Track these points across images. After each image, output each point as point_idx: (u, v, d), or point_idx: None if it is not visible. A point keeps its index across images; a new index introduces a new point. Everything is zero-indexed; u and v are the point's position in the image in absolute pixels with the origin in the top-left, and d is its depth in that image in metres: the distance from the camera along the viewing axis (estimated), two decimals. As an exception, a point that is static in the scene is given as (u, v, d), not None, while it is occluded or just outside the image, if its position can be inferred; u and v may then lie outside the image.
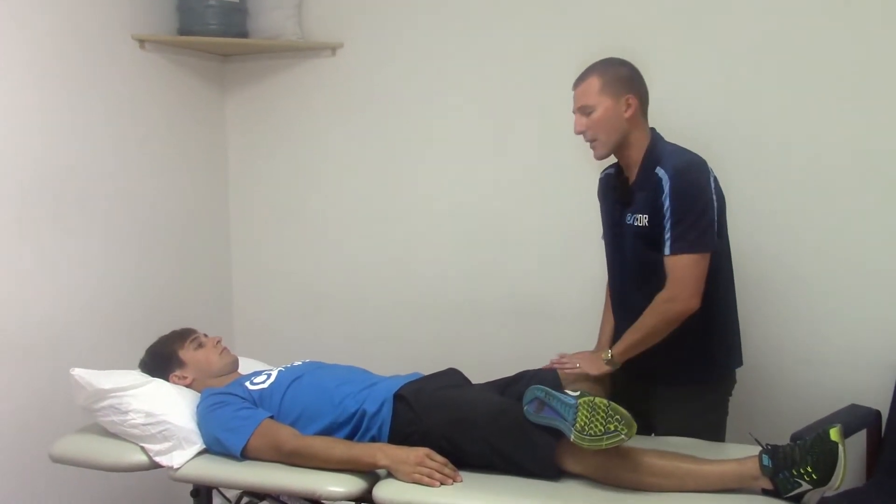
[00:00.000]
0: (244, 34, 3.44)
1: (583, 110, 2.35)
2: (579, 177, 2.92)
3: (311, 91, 3.53)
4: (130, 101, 3.20)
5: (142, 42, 3.24)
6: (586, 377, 2.36)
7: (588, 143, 2.39)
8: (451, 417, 2.18)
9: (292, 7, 3.43)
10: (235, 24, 3.39)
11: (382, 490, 2.08)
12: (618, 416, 1.95)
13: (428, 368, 2.52)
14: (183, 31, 3.35)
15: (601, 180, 2.60)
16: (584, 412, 1.99)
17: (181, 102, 3.46)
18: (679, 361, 2.37)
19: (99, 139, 3.07)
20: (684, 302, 2.24)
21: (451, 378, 2.46)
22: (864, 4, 2.74)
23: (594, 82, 2.33)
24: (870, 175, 2.78)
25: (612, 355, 2.36)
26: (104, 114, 3.09)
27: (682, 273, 2.24)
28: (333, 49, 3.47)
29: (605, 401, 2.00)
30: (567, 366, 2.40)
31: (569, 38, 3.08)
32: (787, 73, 2.84)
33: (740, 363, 2.50)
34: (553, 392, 2.11)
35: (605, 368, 2.36)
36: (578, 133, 2.37)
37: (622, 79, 2.33)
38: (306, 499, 2.30)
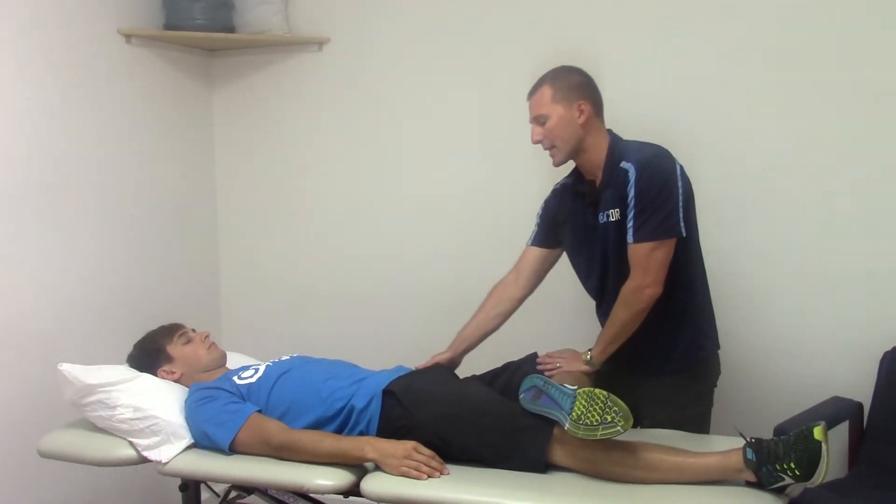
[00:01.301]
0: (231, 29, 3.44)
1: (537, 120, 2.39)
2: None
3: (298, 86, 3.53)
4: (117, 96, 3.19)
5: (128, 37, 3.23)
6: (568, 372, 2.38)
7: (547, 152, 2.43)
8: (442, 412, 2.19)
9: (279, 2, 3.43)
10: (222, 18, 3.39)
11: (370, 483, 2.09)
12: (616, 408, 1.97)
13: (415, 362, 2.54)
14: (169, 26, 3.34)
15: (555, 192, 2.62)
16: (582, 402, 2.01)
17: (168, 97, 3.46)
18: (661, 350, 2.40)
19: (85, 134, 3.06)
20: (650, 288, 2.27)
21: (440, 373, 2.48)
22: (843, 5, 2.76)
23: (546, 92, 2.37)
24: (852, 169, 2.80)
25: (590, 356, 2.38)
26: (91, 109, 3.08)
27: (647, 261, 2.26)
28: (320, 44, 3.47)
29: (604, 392, 2.01)
30: (548, 366, 2.42)
31: (554, 32, 3.09)
32: (766, 72, 2.86)
33: (718, 346, 2.53)
34: (552, 381, 2.14)
35: (584, 368, 2.38)
36: (536, 142, 2.42)
37: (573, 86, 2.37)
38: (294, 492, 2.31)
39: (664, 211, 2.26)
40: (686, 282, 2.40)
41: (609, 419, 1.96)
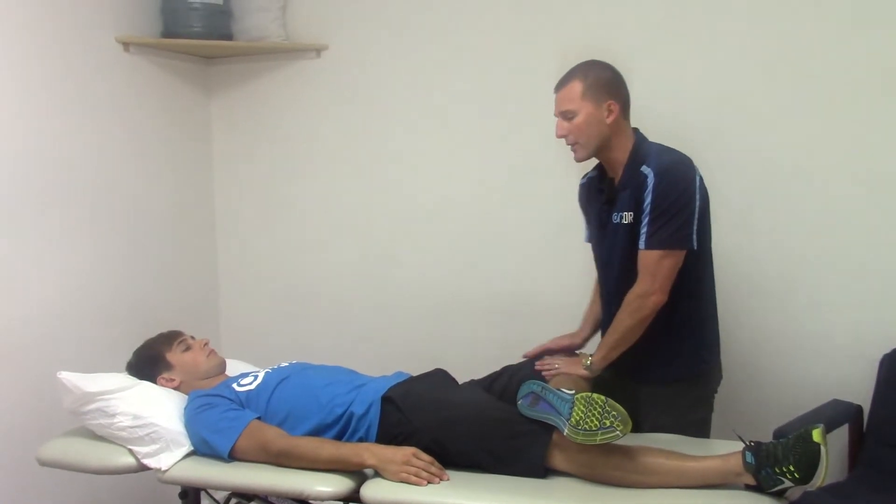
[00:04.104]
0: (228, 36, 3.44)
1: (564, 115, 2.35)
2: (563, 175, 2.93)
3: (296, 93, 3.54)
4: (115, 104, 3.20)
5: (126, 45, 3.23)
6: (567, 376, 2.38)
7: (569, 147, 2.40)
8: (440, 418, 2.19)
9: (276, 9, 3.44)
10: (219, 26, 3.39)
11: (370, 489, 2.09)
12: (614, 413, 1.97)
13: (415, 367, 2.53)
14: (167, 34, 3.35)
15: (582, 186, 2.61)
16: (581, 407, 2.01)
17: (166, 105, 3.46)
18: (663, 358, 2.39)
19: (84, 142, 3.06)
20: (656, 296, 2.26)
21: (439, 379, 2.47)
22: (852, 7, 2.76)
23: (576, 87, 2.33)
24: (852, 173, 2.81)
25: (591, 362, 2.37)
26: (89, 117, 3.08)
27: (655, 268, 2.26)
28: (318, 51, 3.48)
29: (602, 396, 2.01)
30: (547, 366, 2.41)
31: (554, 39, 3.10)
32: (773, 73, 2.87)
33: (720, 356, 2.52)
34: (549, 386, 2.13)
35: (583, 373, 2.37)
36: (560, 137, 2.38)
37: (603, 84, 2.34)
38: (294, 499, 2.30)
39: (679, 221, 2.25)
40: (694, 293, 2.39)
41: (608, 424, 1.96)
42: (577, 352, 2.61)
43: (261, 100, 3.60)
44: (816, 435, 1.91)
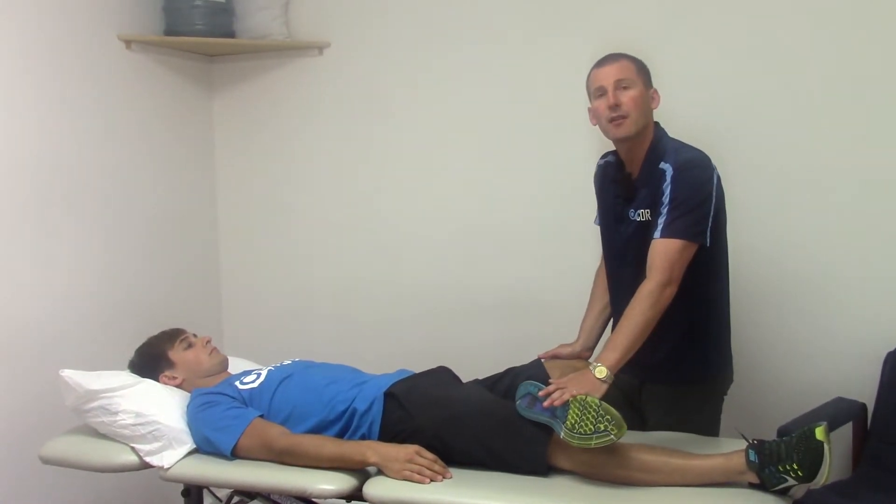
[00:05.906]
0: (231, 34, 3.44)
1: (619, 83, 2.28)
2: (567, 174, 2.94)
3: (299, 91, 3.54)
4: (117, 102, 3.20)
5: (128, 42, 3.23)
6: (568, 365, 2.35)
7: (609, 122, 2.30)
8: (442, 415, 2.19)
9: (279, 7, 3.43)
10: (222, 24, 3.39)
11: (373, 487, 2.09)
12: (608, 417, 1.97)
13: (418, 366, 2.53)
14: (169, 32, 3.34)
15: (600, 167, 2.57)
16: (576, 410, 2.00)
17: (168, 103, 3.46)
18: (670, 360, 2.36)
19: (86, 140, 3.06)
20: (671, 287, 2.19)
21: (442, 376, 2.47)
22: (870, 7, 2.75)
23: (630, 64, 2.31)
24: (861, 174, 2.80)
25: (606, 371, 2.13)
26: (91, 115, 3.08)
27: (671, 258, 2.20)
28: (320, 49, 3.48)
29: (596, 400, 2.01)
30: (554, 394, 2.11)
31: (560, 38, 3.10)
32: (787, 73, 2.86)
33: (731, 360, 2.50)
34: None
35: (605, 388, 2.11)
36: (614, 105, 2.27)
37: (647, 72, 2.34)
38: (297, 497, 2.30)
39: (696, 215, 2.23)
40: (708, 296, 2.37)
41: (602, 427, 1.96)
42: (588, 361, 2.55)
43: (263, 97, 3.60)
44: (819, 433, 1.90)
